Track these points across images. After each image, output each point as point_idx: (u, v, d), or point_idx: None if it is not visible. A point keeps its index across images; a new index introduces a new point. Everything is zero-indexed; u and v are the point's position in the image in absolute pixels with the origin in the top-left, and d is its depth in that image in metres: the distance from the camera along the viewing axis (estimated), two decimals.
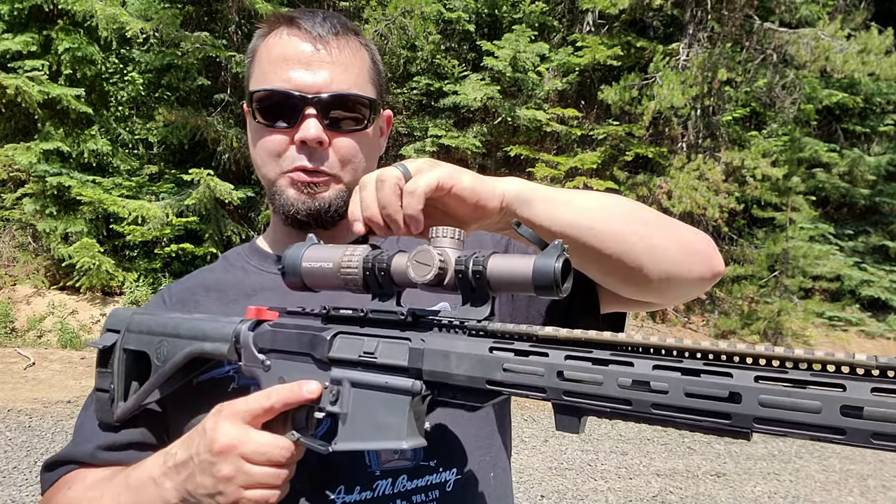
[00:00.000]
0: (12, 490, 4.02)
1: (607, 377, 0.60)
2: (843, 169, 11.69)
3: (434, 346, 0.72)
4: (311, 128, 0.95)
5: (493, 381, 0.67)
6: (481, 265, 0.68)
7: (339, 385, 0.77)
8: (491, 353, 0.68)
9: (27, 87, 7.65)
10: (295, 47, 0.98)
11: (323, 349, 0.78)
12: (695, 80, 9.15)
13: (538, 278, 0.64)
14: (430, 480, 0.91)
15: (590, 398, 0.61)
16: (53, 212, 8.03)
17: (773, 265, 10.18)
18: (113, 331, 1.01)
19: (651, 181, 9.49)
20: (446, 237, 0.72)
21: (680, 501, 4.76)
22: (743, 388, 0.54)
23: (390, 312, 0.76)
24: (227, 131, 8.34)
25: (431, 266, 0.69)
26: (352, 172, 1.01)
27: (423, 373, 0.72)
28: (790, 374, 0.53)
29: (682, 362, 0.58)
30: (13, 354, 6.90)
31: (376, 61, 1.06)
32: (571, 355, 0.63)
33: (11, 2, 8.05)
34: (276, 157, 0.99)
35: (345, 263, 0.75)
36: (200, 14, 8.67)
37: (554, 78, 10.11)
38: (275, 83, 0.97)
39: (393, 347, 0.74)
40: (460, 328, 0.72)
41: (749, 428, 0.55)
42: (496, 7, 10.20)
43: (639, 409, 0.59)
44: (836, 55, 8.88)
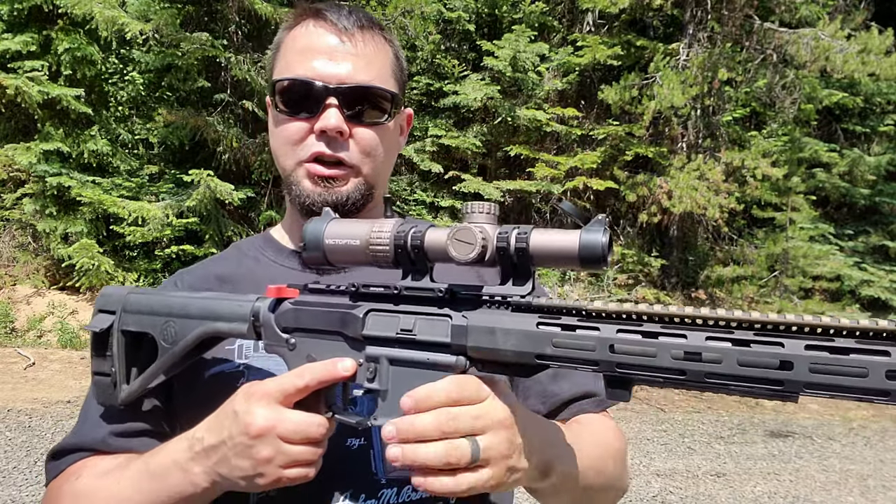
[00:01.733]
0: (12, 490, 4.02)
1: (661, 349, 0.62)
2: (843, 169, 11.68)
3: (478, 322, 0.71)
4: (332, 117, 0.95)
5: (544, 355, 0.68)
6: (524, 241, 0.68)
7: (376, 362, 0.76)
8: (538, 328, 0.68)
9: (27, 87, 7.65)
10: (320, 38, 0.98)
11: (356, 327, 0.78)
12: (695, 80, 9.15)
13: (586, 251, 0.65)
14: None
15: (643, 369, 0.63)
16: (53, 212, 8.03)
17: (773, 265, 10.18)
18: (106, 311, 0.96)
19: (651, 181, 9.48)
20: (482, 212, 0.71)
21: (680, 501, 4.76)
22: (794, 357, 0.57)
23: (426, 290, 0.75)
24: (227, 131, 8.34)
25: (474, 244, 0.69)
26: (371, 164, 1.01)
27: (467, 349, 0.72)
28: (837, 341, 0.56)
29: (734, 333, 0.60)
30: (13, 354, 6.90)
31: (399, 58, 1.06)
32: (623, 328, 0.64)
33: (11, 2, 8.06)
34: (295, 146, 0.99)
35: (374, 239, 0.74)
36: (200, 14, 8.67)
37: (554, 78, 10.11)
38: (298, 72, 0.97)
39: (432, 324, 0.74)
40: (503, 304, 0.72)
41: (799, 392, 0.58)
42: (496, 7, 10.19)
43: (693, 378, 0.61)
44: (836, 55, 8.88)
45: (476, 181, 9.34)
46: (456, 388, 0.68)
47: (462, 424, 0.67)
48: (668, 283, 10.31)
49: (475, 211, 0.71)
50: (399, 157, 5.17)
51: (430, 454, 0.66)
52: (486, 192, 9.25)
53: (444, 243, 0.70)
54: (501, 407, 0.70)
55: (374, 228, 0.75)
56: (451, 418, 0.67)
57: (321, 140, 0.97)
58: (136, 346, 0.95)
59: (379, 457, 0.90)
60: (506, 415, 0.70)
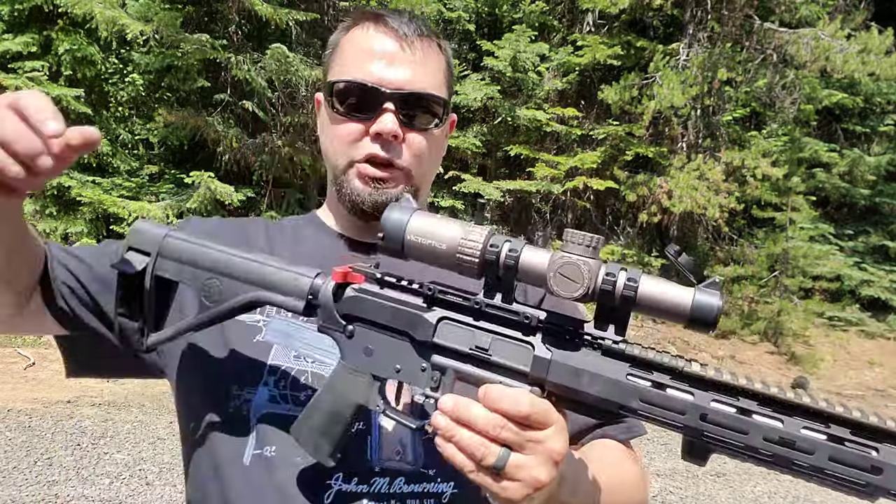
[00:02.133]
0: (12, 490, 4.02)
1: (754, 430, 0.62)
2: (843, 169, 11.68)
3: (564, 360, 0.69)
4: (388, 121, 0.97)
5: (628, 407, 0.67)
6: (633, 290, 0.65)
7: (441, 372, 0.75)
8: (627, 379, 0.67)
9: (27, 87, 7.65)
10: (380, 43, 1.00)
11: (426, 332, 0.76)
12: (695, 80, 9.15)
13: (700, 312, 0.64)
14: (426, 488, 0.91)
15: (730, 444, 0.63)
16: (53, 212, 8.03)
17: (773, 265, 10.18)
18: (139, 251, 0.89)
19: (651, 181, 9.48)
20: (583, 245, 0.67)
21: (680, 501, 4.76)
22: (886, 465, 0.58)
23: (513, 312, 0.72)
24: (227, 132, 8.34)
25: (580, 284, 0.65)
26: (419, 168, 1.04)
27: (546, 383, 0.70)
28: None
29: (830, 427, 0.60)
30: (13, 354, 6.90)
31: (451, 66, 1.10)
32: (718, 399, 0.63)
33: (11, 2, 8.06)
34: (349, 146, 1.01)
35: (463, 247, 0.71)
36: (200, 15, 8.67)
37: (554, 78, 10.11)
38: (357, 75, 0.99)
39: (512, 349, 0.72)
40: (594, 345, 0.69)
41: (881, 496, 0.59)
42: (496, 7, 10.20)
43: (779, 463, 0.62)
44: (836, 55, 8.88)
45: (476, 181, 9.34)
46: (527, 407, 0.68)
47: (507, 437, 0.68)
48: None
49: (577, 242, 0.67)
50: None
51: (462, 438, 0.68)
52: (486, 192, 9.25)
53: (544, 273, 0.67)
54: (561, 442, 0.69)
55: (465, 235, 0.71)
56: (500, 426, 0.68)
57: (376, 142, 0.99)
58: (167, 292, 0.91)
59: (376, 445, 0.90)
60: (559, 449, 0.69)
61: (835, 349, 10.19)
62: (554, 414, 0.69)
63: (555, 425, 0.69)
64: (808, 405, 0.61)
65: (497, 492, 0.69)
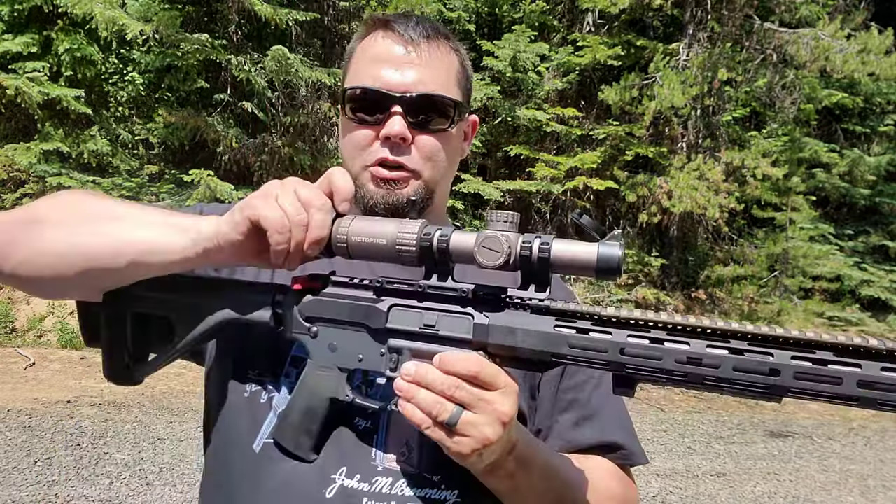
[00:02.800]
0: (12, 490, 4.02)
1: (666, 355, 0.70)
2: (843, 169, 11.68)
3: (499, 322, 0.78)
4: (396, 124, 1.00)
5: (559, 354, 0.75)
6: (546, 251, 0.74)
7: (398, 353, 0.83)
8: (555, 329, 0.75)
9: (27, 87, 7.65)
10: (387, 49, 1.04)
11: (379, 320, 0.84)
12: (695, 80, 9.15)
13: (603, 262, 0.72)
14: (429, 494, 0.91)
15: (650, 371, 0.71)
16: None
17: (773, 265, 10.18)
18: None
19: (651, 181, 9.48)
20: (502, 221, 0.76)
21: (680, 501, 4.76)
22: (782, 366, 0.66)
23: (451, 290, 0.81)
24: (227, 132, 8.34)
25: (500, 253, 0.74)
26: (432, 169, 1.05)
27: (488, 346, 0.78)
28: (818, 353, 0.66)
29: (730, 342, 0.69)
30: (13, 354, 6.90)
31: (465, 66, 1.11)
32: (633, 334, 0.72)
33: (11, 3, 8.06)
34: (361, 151, 1.04)
35: (401, 240, 0.79)
36: (200, 15, 8.67)
37: (554, 78, 10.11)
38: (365, 81, 1.03)
39: (455, 321, 0.80)
40: (523, 306, 0.78)
41: (783, 395, 0.68)
42: (496, 7, 10.19)
43: (692, 380, 0.70)
44: (836, 55, 8.87)
45: (476, 181, 9.34)
46: (476, 366, 0.75)
47: (461, 396, 0.75)
48: (668, 283, 10.31)
49: (499, 219, 0.76)
50: None
51: (420, 398, 0.76)
52: (486, 192, 9.25)
53: (471, 249, 0.76)
54: (509, 404, 0.76)
55: (401, 229, 0.79)
56: (455, 386, 0.75)
57: (385, 146, 1.02)
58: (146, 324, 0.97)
59: (382, 444, 0.92)
60: (507, 410, 0.76)
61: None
62: (502, 376, 0.76)
63: (504, 388, 0.76)
64: (708, 326, 0.69)
65: (450, 446, 0.76)
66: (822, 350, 0.66)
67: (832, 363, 0.65)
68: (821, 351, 0.66)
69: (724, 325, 0.69)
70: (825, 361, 0.65)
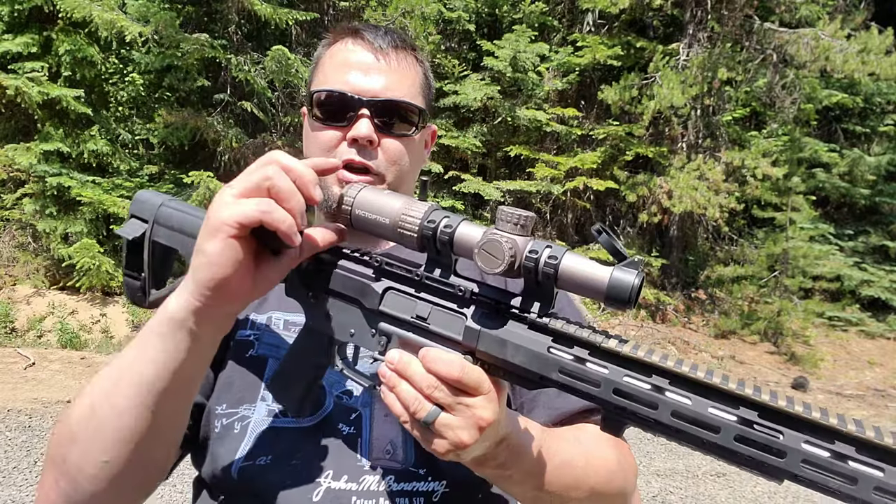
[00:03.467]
0: (12, 490, 4.02)
1: (663, 405, 0.63)
2: (843, 169, 11.68)
3: (491, 330, 0.73)
4: (363, 127, 1.02)
5: (548, 378, 0.70)
6: (553, 267, 0.68)
7: (388, 338, 0.80)
8: (549, 352, 0.70)
9: (27, 87, 7.64)
10: (357, 55, 1.07)
11: (374, 301, 0.81)
12: (695, 79, 9.14)
13: (615, 290, 0.65)
14: (416, 487, 0.92)
15: (641, 418, 0.65)
16: (53, 212, 8.03)
17: (773, 265, 10.18)
18: (139, 218, 0.99)
19: (651, 181, 9.48)
20: (511, 222, 0.70)
21: (680, 501, 4.76)
22: (790, 449, 0.59)
23: (448, 285, 0.77)
24: (227, 132, 8.34)
25: (501, 260, 0.68)
26: (397, 173, 1.07)
27: (476, 351, 0.74)
28: (837, 445, 0.58)
29: (738, 409, 0.61)
30: (13, 354, 6.90)
31: (428, 77, 1.15)
32: (631, 375, 0.65)
33: (11, 2, 8.05)
34: (327, 152, 1.05)
35: (403, 221, 0.76)
36: (200, 15, 8.67)
37: (554, 78, 10.10)
38: (335, 85, 1.05)
39: (447, 319, 0.76)
40: (521, 318, 0.72)
41: (784, 478, 0.62)
42: (496, 7, 10.19)
43: (686, 439, 0.63)
44: (836, 55, 8.87)
45: (476, 181, 9.34)
46: (458, 370, 0.72)
47: (440, 397, 0.72)
48: (668, 283, 10.31)
49: (507, 220, 0.70)
50: None
51: (402, 391, 0.74)
52: (486, 193, 9.24)
53: (472, 249, 0.70)
54: (489, 411, 0.73)
55: (405, 210, 0.76)
56: (434, 386, 0.72)
57: (352, 147, 1.04)
58: (166, 256, 0.99)
59: (366, 446, 0.94)
60: (486, 416, 0.73)
61: (835, 349, 10.19)
62: (486, 383, 0.73)
63: (486, 395, 0.73)
64: (718, 386, 0.62)
65: (425, 443, 0.75)
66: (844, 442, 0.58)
67: (852, 460, 0.57)
68: (841, 443, 0.58)
69: (736, 387, 0.61)
70: (844, 456, 0.57)
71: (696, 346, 9.31)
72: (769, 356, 9.50)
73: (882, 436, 0.57)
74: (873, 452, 0.57)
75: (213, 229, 0.72)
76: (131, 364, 0.78)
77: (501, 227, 0.70)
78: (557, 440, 0.91)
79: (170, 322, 0.75)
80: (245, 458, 0.92)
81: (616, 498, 0.98)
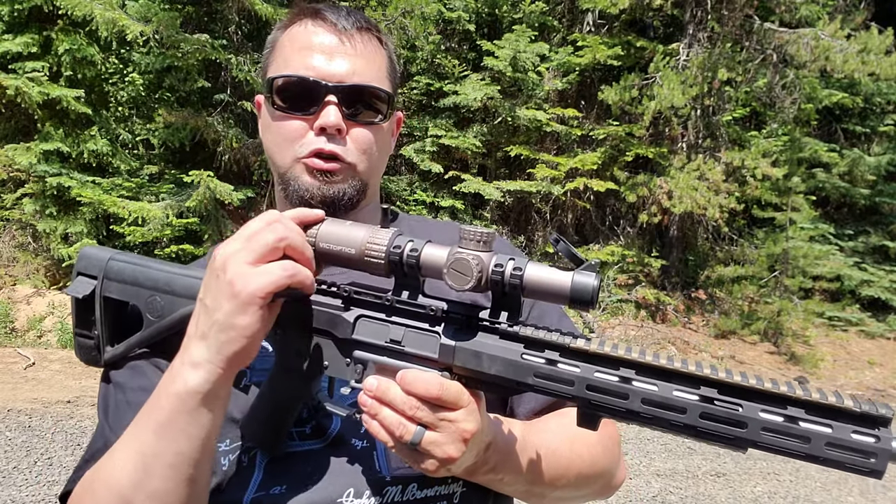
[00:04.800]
0: (12, 490, 4.02)
1: (633, 395, 0.68)
2: (843, 169, 11.68)
3: (466, 344, 0.75)
4: (332, 115, 0.96)
5: (524, 384, 0.73)
6: (518, 278, 0.71)
7: (363, 365, 0.81)
8: (522, 358, 0.73)
9: (27, 87, 7.64)
10: (319, 37, 0.99)
11: (346, 330, 0.82)
12: (695, 80, 9.14)
13: (577, 293, 0.70)
14: (438, 491, 0.92)
15: (615, 408, 0.69)
16: (53, 212, 8.03)
17: (773, 265, 10.18)
18: (86, 275, 0.96)
19: (651, 181, 9.48)
20: (474, 240, 0.72)
21: (680, 501, 4.76)
22: (749, 419, 0.64)
23: (419, 306, 0.78)
24: (227, 132, 8.34)
25: (470, 277, 0.71)
26: (367, 162, 1.01)
27: (453, 367, 0.76)
28: (789, 409, 0.64)
29: (700, 389, 0.67)
30: (13, 354, 6.90)
31: (394, 60, 1.08)
32: (601, 370, 0.70)
33: (11, 2, 8.05)
34: (293, 143, 0.99)
35: (369, 250, 0.77)
36: (200, 15, 8.67)
37: (554, 78, 10.10)
38: (298, 70, 0.98)
39: (421, 339, 0.78)
40: (492, 330, 0.75)
41: (747, 447, 0.66)
42: (496, 7, 10.19)
43: (657, 423, 0.68)
44: (836, 55, 8.87)
45: (476, 181, 9.34)
46: (437, 388, 0.73)
47: (422, 416, 0.73)
48: (668, 283, 10.31)
49: (470, 238, 0.72)
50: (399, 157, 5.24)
51: (384, 417, 0.74)
52: (486, 193, 9.24)
53: (441, 269, 0.73)
54: (472, 422, 0.74)
55: (370, 238, 0.77)
56: (415, 407, 0.73)
57: (320, 136, 0.97)
58: (118, 311, 0.96)
59: (382, 457, 0.91)
60: (469, 429, 0.74)
61: (835, 349, 10.19)
62: (465, 396, 0.74)
63: (466, 407, 0.74)
64: (678, 369, 0.67)
65: (413, 464, 0.75)
66: (795, 406, 0.64)
67: (803, 421, 0.63)
68: (793, 407, 0.64)
69: (696, 369, 0.67)
70: (796, 419, 0.63)
71: (696, 347, 9.31)
72: (769, 356, 9.50)
73: (826, 396, 0.63)
74: (821, 412, 0.63)
75: (243, 304, 0.72)
76: (163, 447, 0.77)
77: (465, 245, 0.72)
78: (540, 433, 0.91)
79: (197, 397, 0.75)
80: (258, 490, 0.89)
81: (602, 476, 1.00)
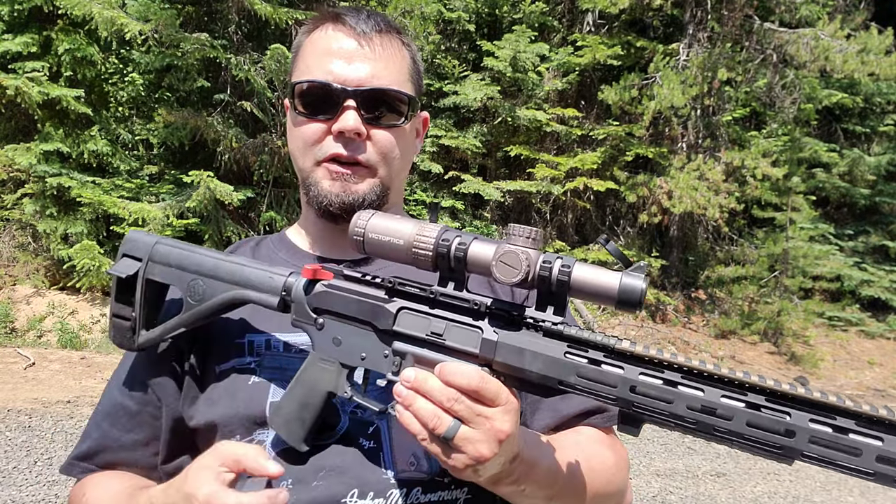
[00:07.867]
0: (12, 490, 4.02)
1: (678, 399, 0.67)
2: (843, 169, 11.69)
3: (509, 340, 0.75)
4: (350, 119, 0.97)
5: (566, 382, 0.72)
6: (567, 275, 0.71)
7: (402, 357, 0.81)
8: (566, 357, 0.72)
9: (27, 87, 7.64)
10: (339, 42, 1.00)
11: (387, 321, 0.82)
12: (695, 80, 9.14)
13: (625, 294, 0.69)
14: (441, 496, 0.92)
15: (658, 413, 0.68)
16: (53, 212, 8.03)
17: (773, 265, 10.18)
18: (132, 257, 0.97)
19: (651, 181, 9.48)
20: (523, 236, 0.73)
21: (680, 501, 4.76)
22: (798, 428, 0.63)
23: (464, 300, 0.78)
24: (227, 132, 8.33)
25: (519, 270, 0.71)
26: (387, 166, 1.02)
27: (494, 363, 0.76)
28: (838, 420, 0.62)
29: (747, 395, 0.65)
30: (13, 354, 6.90)
31: (416, 61, 1.08)
32: (645, 372, 0.69)
33: (11, 2, 8.05)
34: (312, 147, 1.00)
35: (418, 242, 0.77)
36: (200, 14, 8.67)
37: (554, 78, 10.10)
38: (317, 75, 0.99)
39: (463, 333, 0.78)
40: (536, 327, 0.75)
41: (795, 458, 0.64)
42: (496, 7, 10.19)
43: (702, 429, 0.67)
44: (835, 55, 8.87)
45: (476, 181, 9.34)
46: (478, 382, 0.72)
47: (459, 409, 0.72)
48: (668, 283, 10.31)
49: (519, 234, 0.73)
50: None
51: (419, 408, 0.73)
52: (486, 193, 9.24)
53: (488, 262, 0.73)
54: (508, 423, 0.73)
55: (420, 231, 0.78)
56: (454, 399, 0.72)
57: (339, 141, 0.98)
58: (158, 295, 0.98)
59: (388, 457, 0.91)
60: (505, 429, 0.73)
61: (835, 349, 10.19)
62: (504, 394, 0.73)
63: (504, 406, 0.73)
64: (726, 375, 0.66)
65: (444, 460, 0.74)
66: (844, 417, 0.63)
67: (853, 432, 0.62)
68: (842, 418, 0.63)
69: (744, 376, 0.66)
70: (846, 430, 0.62)
71: (696, 346, 9.31)
72: (769, 356, 9.50)
73: (877, 409, 0.61)
74: (871, 424, 0.62)
75: None
76: None
77: (513, 241, 0.73)
78: (561, 449, 0.91)
79: None
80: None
81: (614, 497, 0.99)
